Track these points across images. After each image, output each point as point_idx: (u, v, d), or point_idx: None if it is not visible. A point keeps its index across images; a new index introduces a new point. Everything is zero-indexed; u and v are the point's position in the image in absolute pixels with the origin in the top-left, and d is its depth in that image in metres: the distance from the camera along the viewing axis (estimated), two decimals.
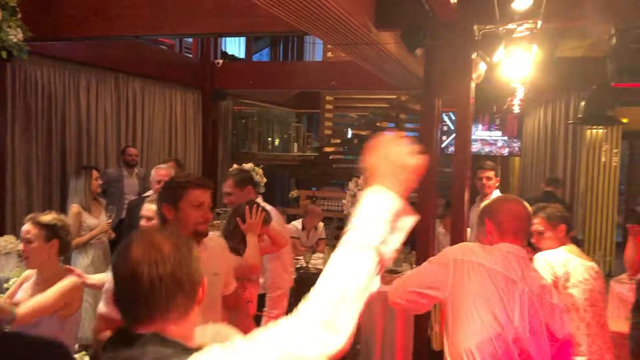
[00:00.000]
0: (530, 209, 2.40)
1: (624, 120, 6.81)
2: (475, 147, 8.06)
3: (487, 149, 8.03)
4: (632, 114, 7.34)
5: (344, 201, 5.61)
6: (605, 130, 7.70)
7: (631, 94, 5.18)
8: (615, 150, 7.88)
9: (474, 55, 3.62)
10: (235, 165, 6.88)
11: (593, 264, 3.01)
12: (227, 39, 10.03)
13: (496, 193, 4.91)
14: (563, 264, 2.91)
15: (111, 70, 6.92)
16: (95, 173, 4.97)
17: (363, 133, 9.54)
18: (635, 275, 4.15)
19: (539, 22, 3.41)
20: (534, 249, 3.26)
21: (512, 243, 2.28)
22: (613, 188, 7.85)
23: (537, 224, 3.01)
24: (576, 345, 2.84)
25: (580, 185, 7.76)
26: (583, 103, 5.63)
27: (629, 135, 8.52)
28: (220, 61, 8.49)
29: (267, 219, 3.26)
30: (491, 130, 7.94)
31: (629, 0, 3.37)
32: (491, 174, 4.99)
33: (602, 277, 3.02)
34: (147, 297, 1.22)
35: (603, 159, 7.78)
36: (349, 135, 9.76)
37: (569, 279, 2.88)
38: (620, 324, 4.78)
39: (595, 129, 7.55)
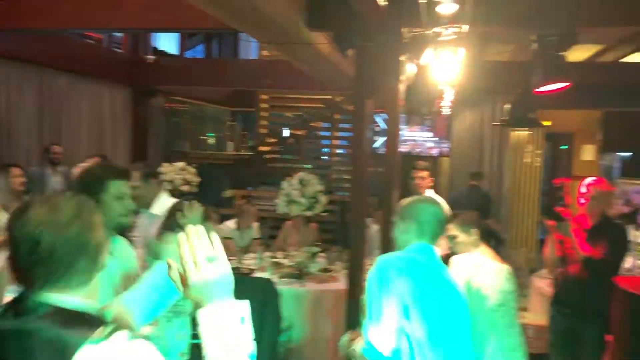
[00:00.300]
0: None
1: (546, 123, 7.15)
2: (407, 148, 8.23)
3: (418, 149, 8.22)
4: (554, 117, 7.71)
5: (277, 201, 5.59)
6: (529, 132, 8.05)
7: (553, 98, 5.41)
8: (538, 152, 8.26)
9: (402, 58, 3.70)
10: (165, 164, 6.75)
11: (506, 266, 3.16)
12: (159, 34, 9.78)
13: (430, 192, 5.07)
14: (477, 267, 3.06)
15: (35, 64, 6.60)
16: (16, 170, 4.73)
17: (299, 132, 9.56)
18: (553, 270, 4.36)
19: (465, 26, 3.52)
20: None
21: (429, 244, 2.40)
22: (536, 187, 8.23)
23: (451, 229, 3.14)
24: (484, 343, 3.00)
25: (505, 184, 8.08)
26: (507, 106, 5.86)
27: (552, 137, 8.96)
28: (152, 57, 8.28)
29: (206, 216, 3.26)
30: (422, 131, 8.14)
31: (544, 8, 3.53)
32: (425, 173, 5.15)
33: (513, 278, 3.18)
34: (47, 262, 1.16)
35: (527, 160, 8.14)
36: (285, 135, 9.75)
37: (482, 280, 3.02)
38: (540, 317, 5.02)
39: (519, 131, 7.88)
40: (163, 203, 3.92)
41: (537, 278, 5.50)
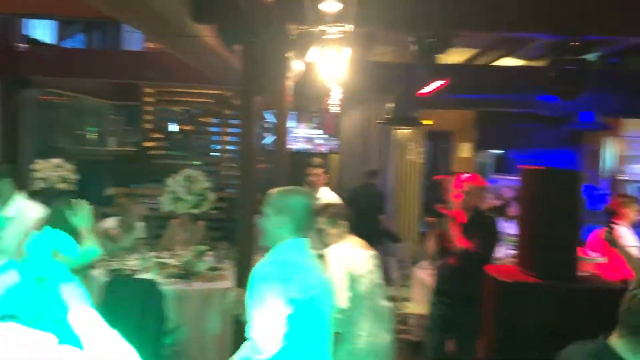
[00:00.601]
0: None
1: (427, 122, 7.51)
2: (298, 145, 8.31)
3: (308, 146, 8.33)
4: (436, 116, 8.13)
5: (160, 198, 5.41)
6: (412, 131, 8.43)
7: (431, 98, 5.69)
8: (420, 149, 8.68)
9: (289, 54, 3.71)
10: (40, 161, 6.29)
11: (374, 253, 3.32)
12: (33, 21, 9.07)
13: (325, 189, 5.16)
14: (351, 257, 3.19)
15: None
16: None
17: (186, 128, 9.31)
18: (434, 262, 4.60)
19: (350, 26, 3.60)
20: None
21: (303, 240, 2.41)
22: (418, 183, 8.64)
23: (321, 223, 3.20)
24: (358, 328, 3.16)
25: (390, 180, 8.40)
26: (390, 105, 6.09)
27: (433, 136, 9.45)
28: (24, 45, 7.66)
29: (96, 214, 3.19)
30: (312, 129, 8.26)
31: (421, 12, 3.70)
32: (320, 171, 5.26)
33: (379, 266, 3.37)
34: None
35: (410, 157, 8.52)
36: (172, 130, 9.45)
37: (357, 269, 3.16)
38: (422, 307, 5.27)
39: (402, 129, 8.23)
40: (18, 205, 3.68)
41: (419, 269, 5.77)
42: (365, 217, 7.13)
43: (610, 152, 9.31)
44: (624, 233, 4.76)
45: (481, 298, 3.84)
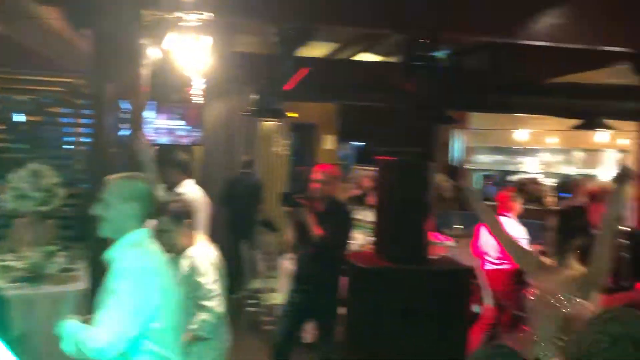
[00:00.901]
0: None
1: (292, 115, 7.59)
2: (159, 137, 7.98)
3: (169, 138, 8.03)
4: (301, 108, 8.25)
5: (2, 196, 4.94)
6: (278, 123, 8.49)
7: (295, 91, 5.74)
8: (285, 141, 8.78)
9: (143, 41, 3.54)
10: None
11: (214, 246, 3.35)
12: None
13: (189, 182, 4.92)
14: (212, 257, 3.18)
15: None
16: None
17: (33, 119, 8.57)
18: (295, 252, 4.70)
19: (208, 14, 3.51)
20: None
21: (146, 230, 2.37)
22: (284, 175, 8.74)
23: (165, 223, 2.95)
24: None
25: (257, 172, 8.40)
26: (254, 96, 6.06)
27: (299, 128, 9.60)
28: None
29: None
30: (172, 120, 7.96)
31: (280, 3, 3.72)
32: (181, 164, 5.06)
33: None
34: None
35: (275, 149, 8.59)
36: (16, 121, 8.63)
37: (218, 270, 3.18)
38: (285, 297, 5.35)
39: (267, 121, 8.26)
40: None
41: (285, 260, 5.85)
42: (244, 207, 7.14)
43: (458, 144, 10.11)
44: (512, 225, 5.17)
45: (337, 284, 3.99)
